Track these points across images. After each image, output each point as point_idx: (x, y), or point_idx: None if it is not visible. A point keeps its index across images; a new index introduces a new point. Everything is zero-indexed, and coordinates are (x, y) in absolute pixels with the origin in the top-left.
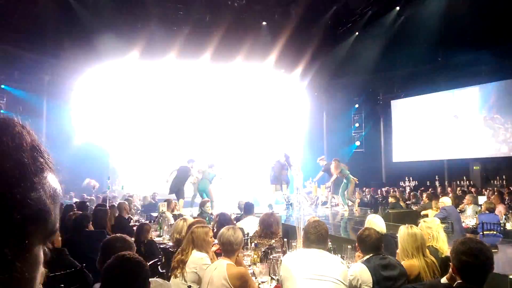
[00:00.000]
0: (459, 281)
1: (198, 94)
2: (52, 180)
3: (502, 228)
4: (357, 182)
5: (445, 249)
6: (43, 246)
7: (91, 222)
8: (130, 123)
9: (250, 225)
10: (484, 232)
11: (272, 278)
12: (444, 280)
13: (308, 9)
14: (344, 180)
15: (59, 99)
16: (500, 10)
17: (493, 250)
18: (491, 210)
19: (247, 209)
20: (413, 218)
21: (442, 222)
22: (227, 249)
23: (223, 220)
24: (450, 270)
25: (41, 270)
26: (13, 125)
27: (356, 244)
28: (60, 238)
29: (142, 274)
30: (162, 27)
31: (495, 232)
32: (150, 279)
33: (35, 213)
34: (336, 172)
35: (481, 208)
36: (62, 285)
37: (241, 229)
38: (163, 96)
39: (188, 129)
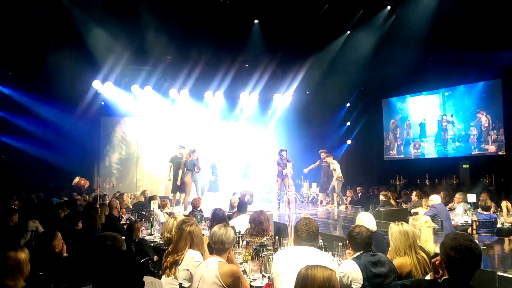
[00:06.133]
0: (446, 277)
1: (192, 93)
2: None
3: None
4: None
5: (430, 247)
6: None
7: (81, 221)
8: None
9: (242, 223)
10: (478, 229)
11: (263, 276)
12: (428, 277)
13: (299, 8)
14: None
15: (50, 98)
16: (491, 10)
17: (482, 248)
18: (486, 209)
19: (240, 207)
20: (403, 216)
21: (432, 220)
22: (219, 248)
23: (220, 215)
24: (434, 267)
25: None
26: None
27: (347, 241)
28: (62, 242)
29: (135, 270)
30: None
31: (490, 234)
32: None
33: None
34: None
35: (470, 206)
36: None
37: (233, 227)
38: (157, 95)
39: (182, 127)
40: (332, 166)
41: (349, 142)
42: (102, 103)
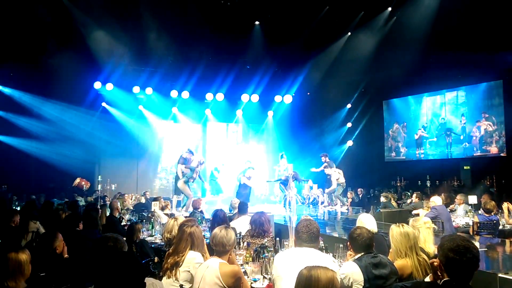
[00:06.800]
0: (445, 279)
1: (194, 94)
2: None
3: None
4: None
5: (429, 248)
6: None
7: (82, 222)
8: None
9: (243, 224)
10: (480, 231)
11: (264, 277)
12: (427, 279)
13: (300, 9)
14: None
15: (52, 99)
16: (492, 11)
17: (484, 250)
18: (488, 211)
19: (241, 208)
20: (404, 217)
21: (432, 221)
22: (220, 250)
23: (220, 216)
24: (433, 268)
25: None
26: None
27: (348, 243)
28: (63, 243)
29: (137, 271)
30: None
31: (492, 236)
32: None
33: None
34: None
35: (471, 207)
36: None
37: (233, 229)
38: (158, 96)
39: (182, 127)
40: (331, 177)
41: (350, 143)
42: (103, 104)
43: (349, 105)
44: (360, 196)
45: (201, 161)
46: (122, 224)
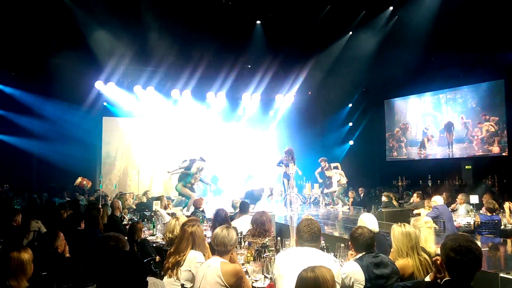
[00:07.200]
0: (446, 279)
1: (195, 94)
2: None
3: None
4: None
5: (430, 248)
6: None
7: (83, 221)
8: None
9: (244, 224)
10: (481, 231)
11: (265, 277)
12: (427, 279)
13: (302, 9)
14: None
15: (53, 98)
16: (494, 11)
17: (485, 249)
18: (492, 210)
19: (243, 208)
20: (405, 217)
21: (434, 221)
22: (221, 250)
23: (222, 215)
24: (436, 266)
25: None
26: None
27: (349, 242)
28: (64, 242)
29: (139, 270)
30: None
31: (493, 236)
32: None
33: None
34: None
35: (472, 207)
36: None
37: (235, 228)
38: (159, 95)
39: (182, 128)
40: (332, 178)
41: (351, 142)
42: (105, 103)
43: (350, 105)
44: (361, 195)
45: (200, 167)
46: (123, 223)
